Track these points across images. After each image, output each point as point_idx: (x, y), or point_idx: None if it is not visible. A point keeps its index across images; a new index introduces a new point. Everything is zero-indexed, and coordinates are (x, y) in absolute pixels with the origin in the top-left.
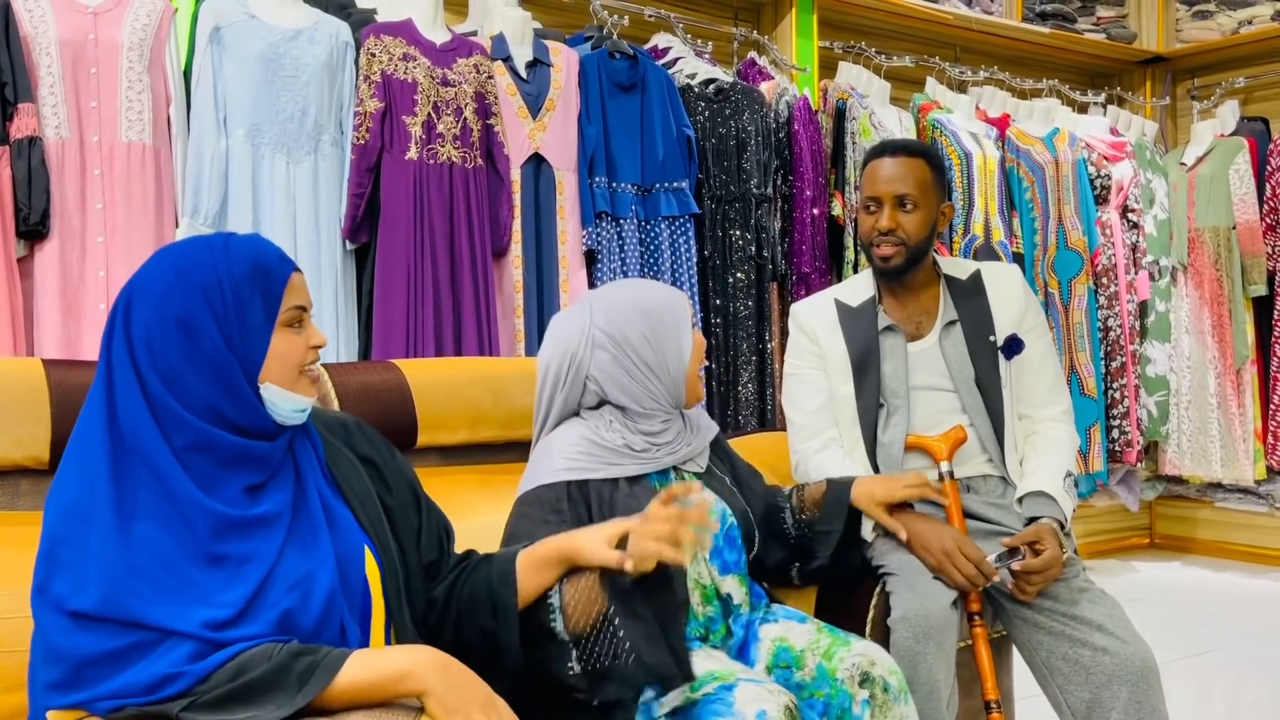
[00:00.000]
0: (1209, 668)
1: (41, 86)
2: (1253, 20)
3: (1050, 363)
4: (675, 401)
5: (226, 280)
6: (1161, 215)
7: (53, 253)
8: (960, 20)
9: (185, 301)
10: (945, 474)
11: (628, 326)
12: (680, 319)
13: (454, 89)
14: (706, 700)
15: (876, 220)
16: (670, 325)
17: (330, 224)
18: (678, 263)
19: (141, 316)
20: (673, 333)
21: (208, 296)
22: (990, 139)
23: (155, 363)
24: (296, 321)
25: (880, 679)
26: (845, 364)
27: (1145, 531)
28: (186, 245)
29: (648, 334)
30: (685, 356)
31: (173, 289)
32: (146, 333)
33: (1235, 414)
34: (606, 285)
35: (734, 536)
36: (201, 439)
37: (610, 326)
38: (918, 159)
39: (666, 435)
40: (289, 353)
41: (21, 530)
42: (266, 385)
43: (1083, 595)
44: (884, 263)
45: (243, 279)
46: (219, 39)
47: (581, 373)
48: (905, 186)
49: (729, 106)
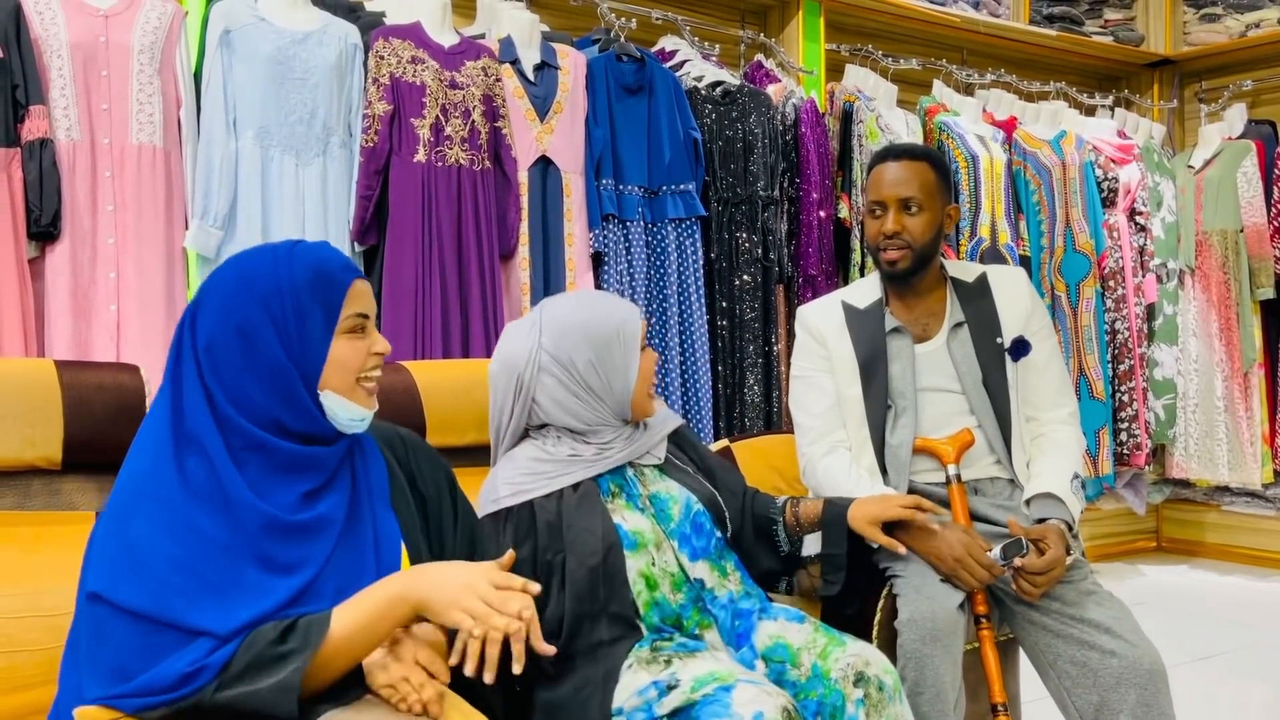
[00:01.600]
0: (1216, 671)
1: (53, 89)
2: (1260, 23)
3: (1056, 365)
4: (622, 419)
5: (287, 288)
6: (1169, 218)
7: (64, 254)
8: (967, 23)
9: (245, 310)
10: (952, 477)
11: (575, 351)
12: (629, 343)
13: (462, 92)
14: (705, 701)
15: (882, 224)
16: (619, 351)
17: (339, 226)
18: (684, 265)
19: (205, 324)
20: (620, 358)
21: (267, 305)
22: (997, 142)
23: (217, 370)
24: (358, 329)
25: (875, 678)
26: (853, 366)
27: (1152, 535)
28: (253, 253)
29: (594, 360)
30: (631, 381)
31: (235, 297)
32: (209, 340)
33: (1243, 417)
34: (560, 299)
35: (701, 523)
36: (258, 443)
37: (557, 350)
38: (921, 162)
39: (617, 441)
40: (349, 360)
41: (33, 530)
42: (325, 393)
43: (1090, 598)
44: (891, 267)
45: (303, 287)
46: (229, 42)
47: (528, 395)
48: (910, 189)
49: (736, 109)
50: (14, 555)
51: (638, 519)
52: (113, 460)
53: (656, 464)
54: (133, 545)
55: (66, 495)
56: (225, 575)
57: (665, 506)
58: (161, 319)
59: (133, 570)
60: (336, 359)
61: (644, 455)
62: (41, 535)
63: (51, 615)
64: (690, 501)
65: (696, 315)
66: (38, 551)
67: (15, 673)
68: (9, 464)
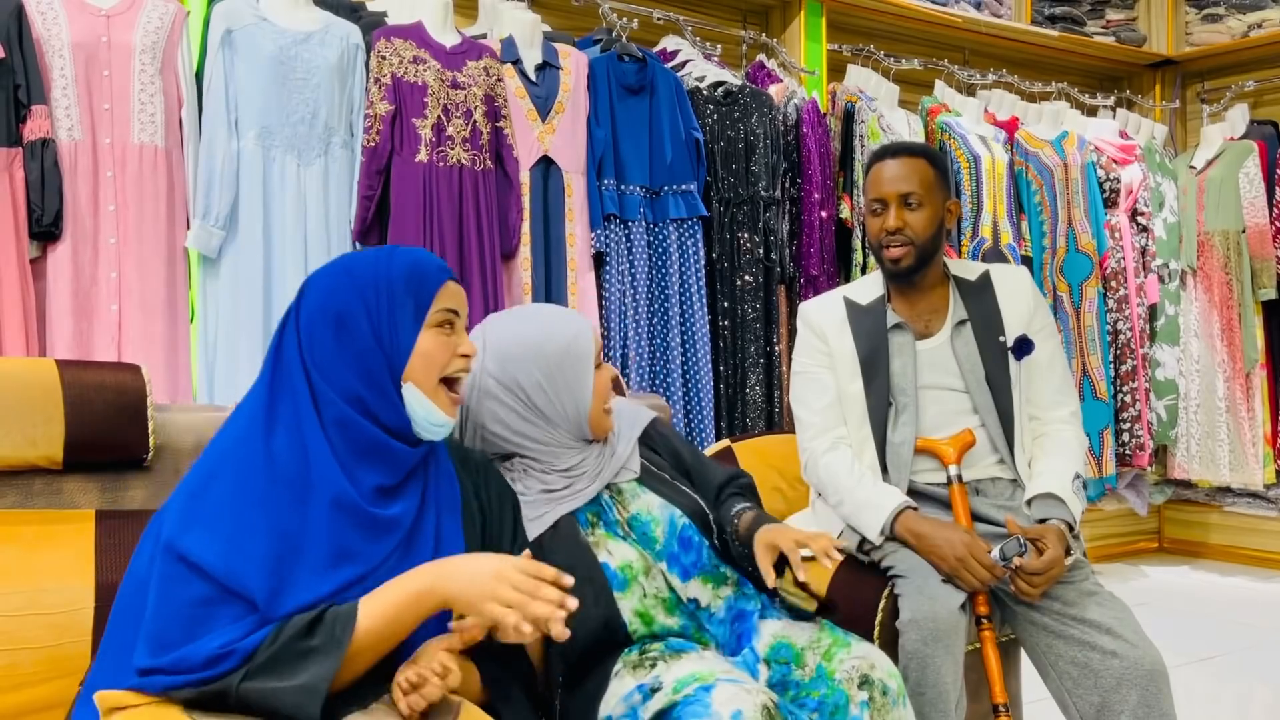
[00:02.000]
0: (1218, 672)
1: (54, 89)
2: (1263, 23)
3: (1059, 364)
4: (579, 438)
5: (384, 280)
6: (1171, 218)
7: (65, 254)
8: (969, 23)
9: (344, 297)
10: (954, 478)
11: (520, 372)
12: (581, 361)
13: (464, 92)
14: (686, 701)
15: (883, 221)
16: (569, 369)
17: (340, 226)
18: (686, 265)
19: (308, 308)
20: (572, 377)
21: (363, 294)
22: (999, 142)
23: (313, 349)
24: (447, 324)
25: (879, 682)
26: (854, 362)
27: (1154, 536)
28: (360, 253)
29: (543, 380)
30: (585, 401)
31: (337, 286)
32: (309, 323)
33: (1244, 418)
34: (503, 316)
35: (688, 537)
36: (345, 417)
37: (501, 373)
38: (919, 158)
39: (585, 465)
40: (435, 353)
41: (34, 530)
42: (408, 385)
43: (1091, 598)
44: (894, 264)
45: (399, 279)
46: (231, 42)
47: (475, 422)
48: (909, 185)
49: (737, 109)
50: (15, 554)
51: (623, 550)
52: (114, 459)
53: (634, 477)
54: (210, 505)
55: (68, 494)
56: (287, 554)
57: (648, 529)
58: (162, 319)
59: (206, 527)
60: (423, 350)
61: (618, 474)
62: (43, 534)
63: (52, 614)
64: (674, 518)
65: (698, 315)
66: (39, 550)
67: (16, 670)
68: (10, 463)
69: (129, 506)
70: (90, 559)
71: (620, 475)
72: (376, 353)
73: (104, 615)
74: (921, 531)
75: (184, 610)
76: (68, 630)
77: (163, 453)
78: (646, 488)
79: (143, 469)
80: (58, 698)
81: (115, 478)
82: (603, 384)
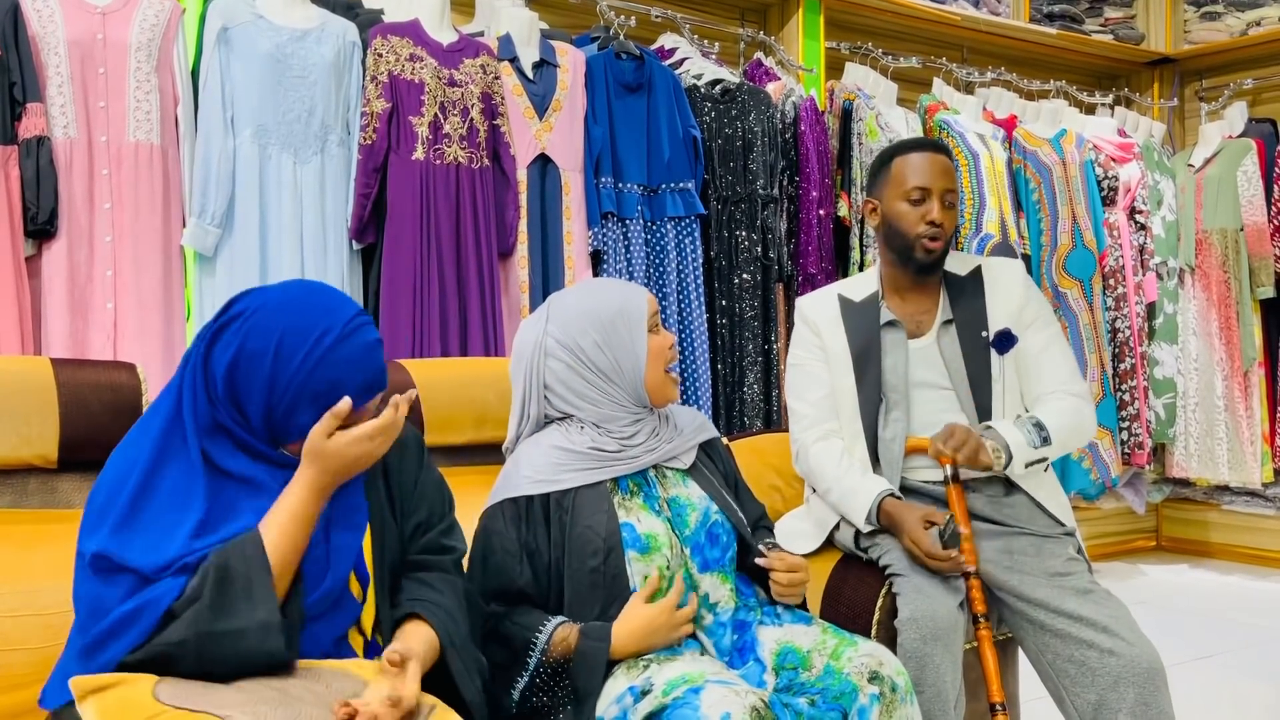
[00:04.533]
0: (1215, 671)
1: (50, 86)
2: (1261, 21)
3: (1055, 351)
4: (638, 402)
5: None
6: (1169, 217)
7: (61, 252)
8: (967, 21)
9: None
10: (949, 477)
11: (580, 334)
12: (634, 322)
13: (461, 89)
14: (676, 704)
15: (927, 212)
16: (624, 330)
17: (337, 224)
18: (683, 263)
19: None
20: (626, 337)
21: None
22: (997, 140)
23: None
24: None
25: (888, 679)
26: (846, 358)
27: (1152, 534)
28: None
29: (600, 340)
30: (641, 359)
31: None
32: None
33: (1243, 416)
34: (568, 289)
35: (717, 533)
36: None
37: (563, 335)
38: (947, 157)
39: (639, 436)
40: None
41: (29, 529)
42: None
43: (1088, 597)
44: (928, 255)
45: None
46: (227, 39)
47: (540, 381)
48: (950, 182)
49: (735, 107)
50: (10, 553)
51: (653, 521)
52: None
53: (682, 468)
54: (96, 492)
55: (63, 494)
56: (158, 515)
57: (683, 513)
58: (158, 317)
59: (92, 525)
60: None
61: (671, 460)
62: (38, 534)
63: (47, 614)
64: (709, 510)
65: (696, 313)
66: (34, 550)
67: (10, 671)
68: (5, 462)
69: None
70: None
71: (672, 461)
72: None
73: None
74: (895, 517)
75: (88, 605)
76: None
77: None
78: (692, 479)
79: None
80: None
81: None
82: (658, 347)
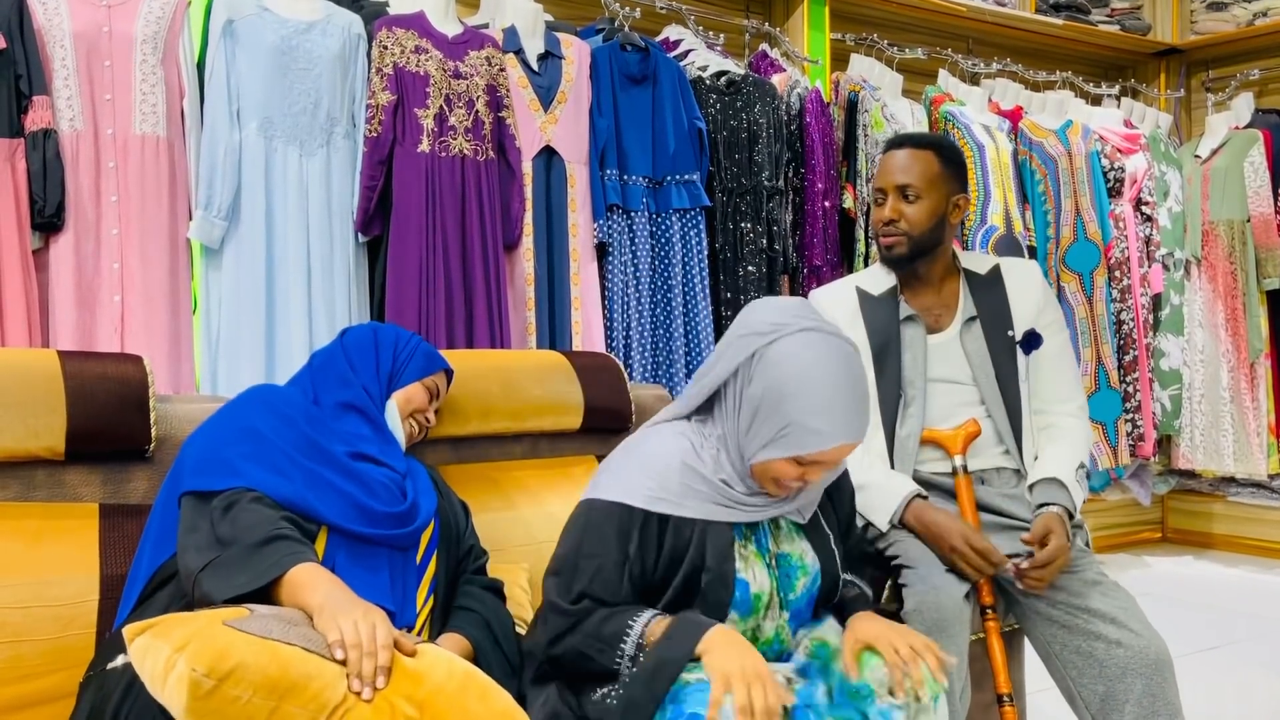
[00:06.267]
0: (1222, 662)
1: (56, 79)
2: (1268, 12)
3: (1066, 358)
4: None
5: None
6: (1175, 208)
7: (68, 245)
8: (973, 12)
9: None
10: (959, 468)
11: (781, 398)
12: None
13: (466, 82)
14: (697, 685)
15: (881, 211)
16: (836, 450)
17: (342, 216)
18: (689, 256)
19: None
20: (831, 449)
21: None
22: (1003, 131)
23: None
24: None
25: (911, 690)
26: (865, 352)
27: (1158, 526)
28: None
29: (823, 426)
30: (816, 466)
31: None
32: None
33: (1249, 408)
34: (825, 325)
35: (814, 595)
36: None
37: (765, 394)
38: (927, 150)
39: (760, 498)
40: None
41: (37, 523)
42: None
43: (1095, 588)
44: (887, 252)
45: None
46: (232, 32)
47: (750, 364)
48: (908, 177)
49: (740, 99)
50: (18, 546)
51: (763, 578)
52: (116, 450)
53: (800, 522)
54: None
55: (70, 486)
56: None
57: (792, 574)
58: (165, 310)
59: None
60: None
61: (791, 512)
62: (45, 527)
63: (56, 605)
64: (817, 576)
65: (701, 306)
66: (42, 543)
67: (21, 663)
68: (12, 455)
69: (131, 498)
70: (95, 552)
71: (790, 514)
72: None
73: (108, 608)
74: (927, 520)
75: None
76: (72, 623)
77: (165, 444)
78: (805, 536)
79: (145, 460)
80: (63, 689)
81: (117, 469)
82: (786, 472)
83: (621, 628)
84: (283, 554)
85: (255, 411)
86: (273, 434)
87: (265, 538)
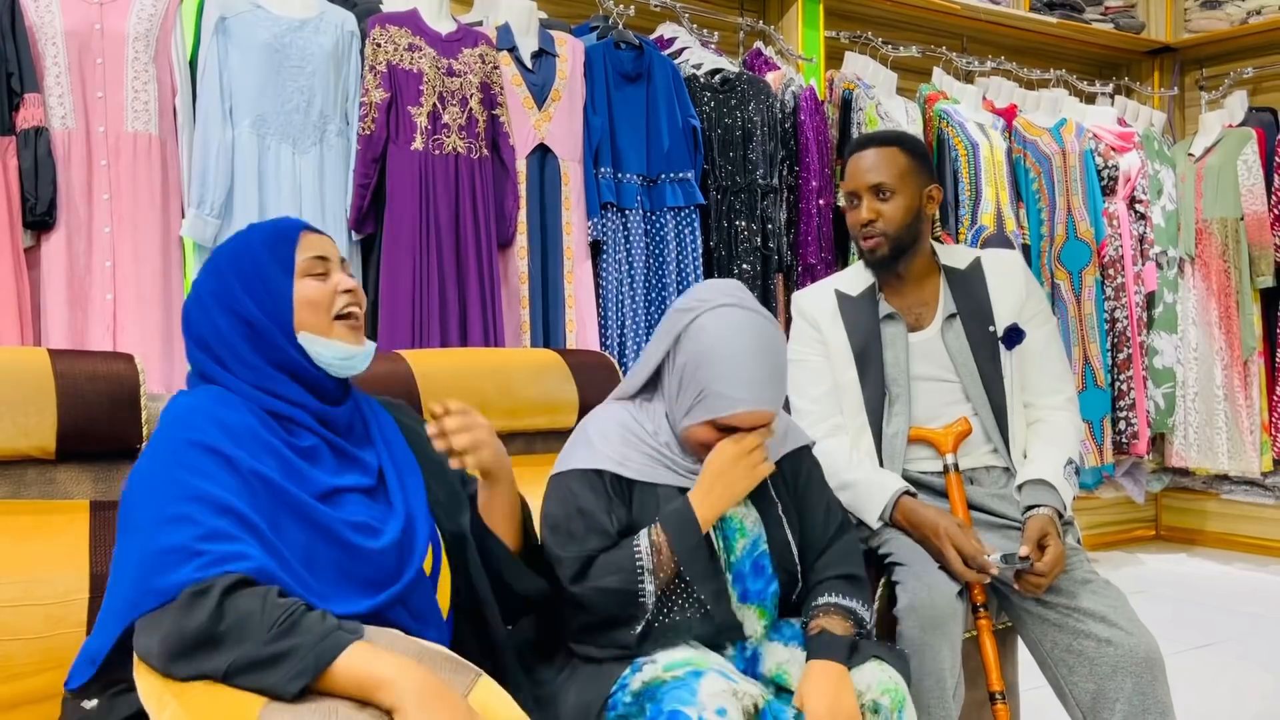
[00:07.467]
0: (1214, 659)
1: (48, 77)
2: (1261, 10)
3: (1053, 350)
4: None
5: (245, 253)
6: (1169, 206)
7: (59, 243)
8: (967, 10)
9: (221, 283)
10: (950, 466)
11: (701, 361)
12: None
13: (459, 79)
14: (674, 684)
15: (858, 214)
16: (748, 415)
17: (336, 215)
18: (683, 254)
19: (196, 311)
20: (743, 413)
21: (233, 271)
22: (997, 129)
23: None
24: (318, 271)
25: (870, 703)
26: (847, 353)
27: (1151, 523)
28: (225, 243)
29: (732, 392)
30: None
31: (212, 275)
32: (203, 318)
33: (1242, 406)
34: (745, 301)
35: (763, 565)
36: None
37: (699, 341)
38: (892, 147)
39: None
40: (315, 298)
41: (27, 520)
42: (302, 334)
43: (1086, 586)
44: (871, 254)
45: (259, 247)
46: (225, 29)
47: (677, 340)
48: (879, 175)
49: (735, 97)
50: (8, 544)
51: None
52: (107, 449)
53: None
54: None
55: (61, 485)
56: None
57: (732, 536)
58: (158, 308)
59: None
60: (302, 299)
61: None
62: (36, 525)
63: (46, 604)
64: (759, 540)
65: None
66: (32, 541)
67: (11, 661)
68: (2, 453)
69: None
70: (84, 549)
71: None
72: (263, 320)
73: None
74: (916, 517)
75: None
76: (62, 621)
77: None
78: (752, 504)
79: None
80: (52, 689)
81: (108, 467)
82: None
83: (630, 548)
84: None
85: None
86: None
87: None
